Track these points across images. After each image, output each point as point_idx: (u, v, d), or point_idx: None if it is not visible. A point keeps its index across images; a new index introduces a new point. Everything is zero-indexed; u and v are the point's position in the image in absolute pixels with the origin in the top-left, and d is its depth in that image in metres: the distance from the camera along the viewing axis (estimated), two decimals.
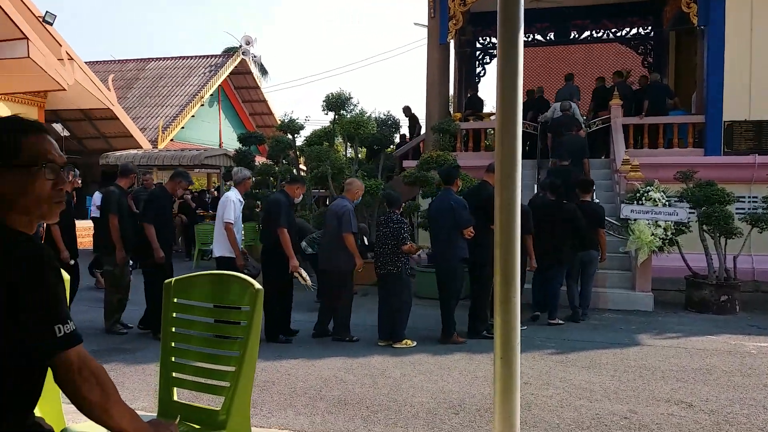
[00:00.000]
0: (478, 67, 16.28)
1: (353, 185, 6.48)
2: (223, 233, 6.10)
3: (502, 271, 2.34)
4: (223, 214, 6.10)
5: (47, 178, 1.47)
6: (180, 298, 2.20)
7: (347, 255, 6.13)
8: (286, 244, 5.98)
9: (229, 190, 6.43)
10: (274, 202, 6.23)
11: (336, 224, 6.13)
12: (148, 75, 23.86)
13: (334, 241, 6.17)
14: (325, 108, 11.50)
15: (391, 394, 4.48)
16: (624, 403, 4.35)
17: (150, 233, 6.10)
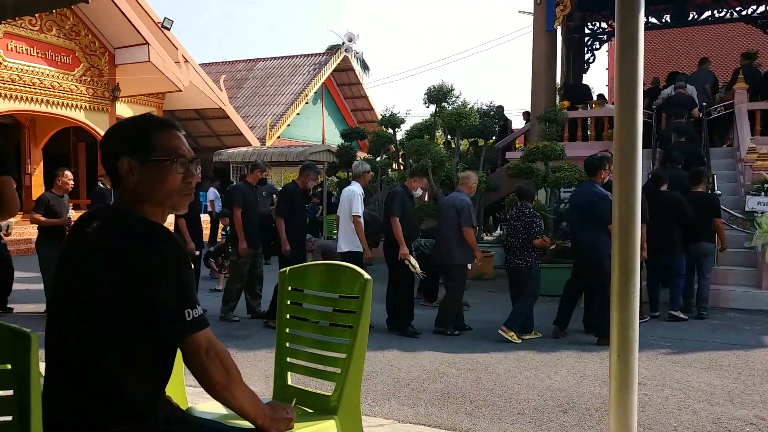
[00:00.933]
0: (587, 54, 15.61)
1: (470, 179, 6.43)
2: (350, 228, 6.14)
3: (620, 263, 2.23)
4: (351, 207, 6.12)
5: (178, 172, 1.57)
6: (294, 286, 2.28)
7: (465, 248, 6.10)
8: (397, 233, 6.01)
9: (351, 184, 6.46)
10: (391, 194, 6.30)
11: (455, 217, 6.07)
12: (256, 75, 24.99)
13: (451, 235, 6.11)
14: (426, 101, 11.48)
15: (495, 389, 4.41)
16: (749, 408, 4.02)
17: (280, 227, 6.28)
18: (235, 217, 6.47)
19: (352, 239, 6.16)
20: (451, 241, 6.12)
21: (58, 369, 1.47)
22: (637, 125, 2.24)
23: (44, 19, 13.68)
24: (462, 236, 6.06)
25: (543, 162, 9.72)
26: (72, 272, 1.50)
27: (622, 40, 2.29)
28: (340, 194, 7.03)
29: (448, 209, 6.23)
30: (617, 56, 2.35)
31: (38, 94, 13.66)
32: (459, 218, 6.05)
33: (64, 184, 6.66)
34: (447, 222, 6.20)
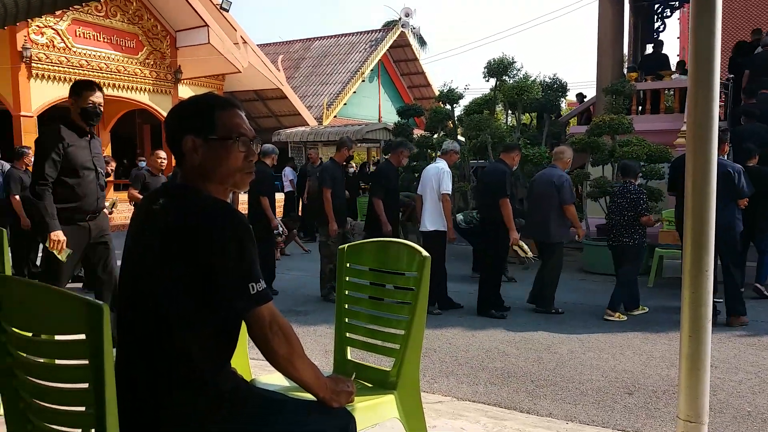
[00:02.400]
0: (656, 22, 14.85)
1: (565, 154, 6.28)
2: (436, 206, 5.94)
3: (693, 240, 2.12)
4: (439, 185, 5.90)
5: (240, 150, 1.59)
6: (352, 263, 2.29)
7: (563, 225, 6.03)
8: (508, 217, 5.81)
9: (437, 161, 6.23)
10: (496, 172, 6.00)
11: (553, 193, 5.94)
12: (313, 54, 25.12)
13: (549, 211, 5.98)
14: (486, 75, 11.23)
15: (557, 369, 4.33)
16: None
17: (378, 208, 6.23)
18: (325, 197, 6.36)
19: (437, 218, 5.95)
20: (549, 218, 5.98)
21: (129, 342, 1.53)
22: (713, 96, 2.12)
23: (109, 4, 14.17)
24: (560, 213, 5.97)
25: (610, 136, 9.36)
26: (140, 249, 1.55)
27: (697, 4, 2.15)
28: None
29: (544, 185, 6.06)
30: (692, 22, 2.21)
31: (105, 78, 14.20)
32: (558, 194, 5.93)
33: (156, 163, 6.97)
34: (543, 198, 6.04)
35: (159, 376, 1.47)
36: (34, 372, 1.41)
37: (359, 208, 12.43)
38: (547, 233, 6.00)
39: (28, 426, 1.45)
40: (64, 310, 1.35)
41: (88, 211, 3.79)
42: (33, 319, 1.43)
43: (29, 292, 1.42)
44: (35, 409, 1.41)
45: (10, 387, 1.45)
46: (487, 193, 6.03)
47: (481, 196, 6.16)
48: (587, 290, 7.08)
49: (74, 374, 1.33)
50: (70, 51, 13.55)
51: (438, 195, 5.93)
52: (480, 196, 6.21)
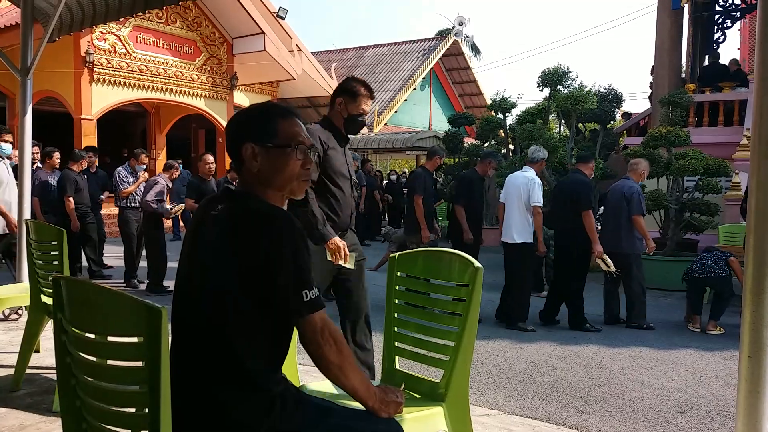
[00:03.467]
0: (716, 32, 14.31)
1: (640, 165, 6.37)
2: (524, 217, 5.78)
3: (755, 259, 2.04)
4: (529, 197, 5.75)
5: (298, 159, 1.63)
6: (403, 272, 2.30)
7: (634, 237, 6.03)
8: (591, 228, 5.78)
9: (524, 170, 5.99)
10: (576, 182, 5.97)
11: (624, 205, 6.00)
12: (366, 62, 25.34)
13: (620, 223, 6.03)
14: (540, 84, 11.08)
15: (607, 386, 4.22)
16: None
17: (460, 215, 6.28)
18: (417, 204, 6.32)
19: (525, 230, 5.78)
20: (620, 229, 6.03)
21: (184, 343, 1.57)
22: None
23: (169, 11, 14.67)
24: (631, 225, 5.98)
25: (666, 148, 9.09)
26: (197, 252, 1.60)
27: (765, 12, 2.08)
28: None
29: (616, 197, 6.12)
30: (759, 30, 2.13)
31: (163, 83, 14.70)
32: (629, 206, 5.97)
33: (206, 169, 7.11)
34: (614, 210, 6.11)
35: (211, 376, 1.51)
36: (92, 372, 1.44)
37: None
38: (618, 244, 5.99)
39: (84, 425, 1.48)
40: (124, 312, 1.38)
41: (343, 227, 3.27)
42: (93, 321, 1.45)
43: (90, 294, 1.45)
44: (91, 408, 1.44)
45: (68, 386, 1.49)
46: (566, 204, 5.89)
47: (560, 208, 6.03)
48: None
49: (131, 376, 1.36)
50: (130, 56, 14.10)
51: (527, 206, 5.76)
52: (558, 208, 6.07)
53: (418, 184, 6.41)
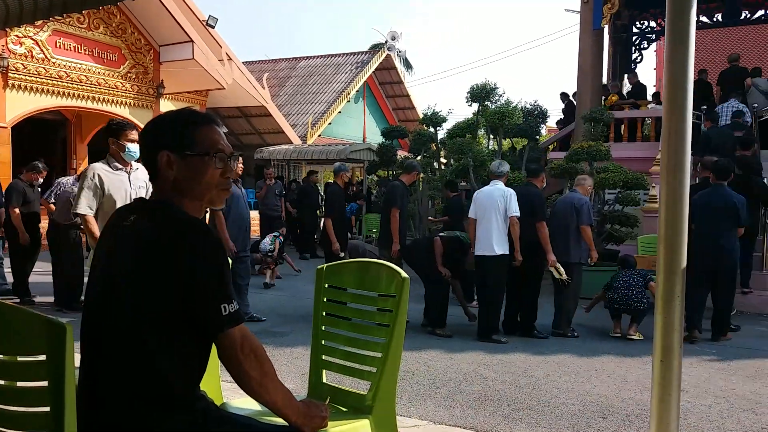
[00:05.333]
0: (634, 53, 15.21)
1: (586, 181, 6.68)
2: (504, 229, 5.87)
3: (666, 267, 2.15)
4: (506, 208, 5.85)
5: (217, 167, 1.58)
6: (331, 283, 2.27)
7: (582, 247, 6.30)
8: (545, 239, 6.00)
9: (494, 184, 6.09)
10: (530, 195, 6.10)
11: (573, 216, 6.24)
12: (299, 73, 25.20)
13: (569, 234, 6.25)
14: (468, 99, 11.38)
15: (533, 393, 4.33)
16: None
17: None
18: (393, 217, 6.35)
19: (505, 241, 5.88)
20: (568, 239, 6.25)
21: (95, 360, 1.49)
22: (686, 127, 2.16)
23: (92, 16, 14.07)
24: (579, 235, 6.26)
25: (588, 162, 9.51)
26: (110, 267, 1.51)
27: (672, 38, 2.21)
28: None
29: (566, 208, 6.37)
30: (667, 55, 2.26)
31: (85, 90, 14.06)
32: (578, 217, 6.23)
33: None
34: (564, 221, 6.32)
35: (131, 396, 1.43)
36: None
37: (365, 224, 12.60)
38: (567, 253, 6.21)
39: None
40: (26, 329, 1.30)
41: None
42: None
43: None
44: None
45: None
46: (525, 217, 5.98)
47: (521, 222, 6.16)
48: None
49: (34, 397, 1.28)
50: (49, 62, 13.41)
51: (504, 217, 5.87)
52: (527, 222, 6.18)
53: (396, 197, 6.45)
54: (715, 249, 5.99)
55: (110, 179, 3.92)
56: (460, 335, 6.06)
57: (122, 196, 3.91)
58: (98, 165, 3.98)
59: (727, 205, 6.02)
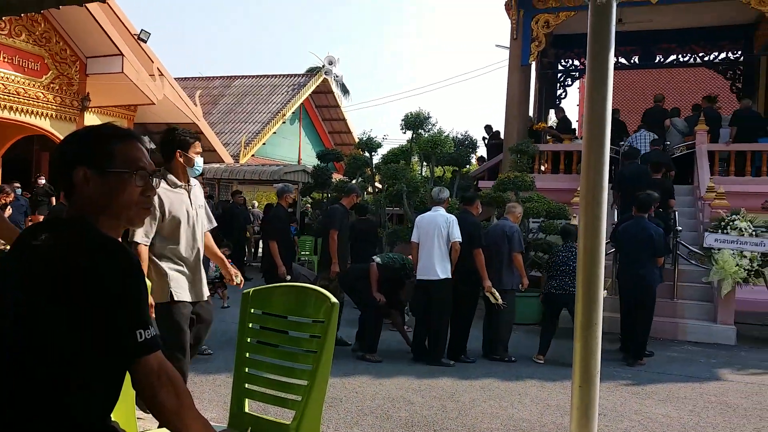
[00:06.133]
0: (559, 89, 15.97)
1: (516, 209, 6.95)
2: (444, 254, 5.95)
3: (584, 295, 2.25)
4: (449, 232, 5.95)
5: (137, 185, 1.51)
6: (257, 308, 2.22)
7: (514, 274, 6.51)
8: (481, 265, 6.14)
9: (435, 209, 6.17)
10: (466, 223, 6.16)
11: (505, 243, 6.44)
12: (233, 92, 24.86)
13: (501, 260, 6.44)
14: (403, 127, 11.58)
15: (459, 418, 4.37)
16: None
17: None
18: (331, 239, 6.40)
19: (448, 266, 5.98)
20: (501, 266, 6.42)
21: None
22: (604, 161, 2.29)
23: (14, 23, 13.41)
24: (511, 262, 6.45)
25: (514, 192, 9.85)
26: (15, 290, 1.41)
27: (592, 78, 2.35)
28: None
29: (498, 236, 6.56)
30: (587, 93, 2.40)
31: (2, 99, 13.33)
32: (510, 244, 6.43)
33: None
34: (496, 248, 6.48)
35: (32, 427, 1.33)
36: None
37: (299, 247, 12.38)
38: (500, 280, 6.36)
39: None
40: None
41: None
42: None
43: None
44: None
45: None
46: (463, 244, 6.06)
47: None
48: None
49: None
50: None
51: (447, 242, 5.96)
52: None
53: (335, 219, 6.51)
54: (635, 278, 6.35)
55: (170, 199, 3.36)
56: (390, 360, 6.06)
57: (184, 218, 3.41)
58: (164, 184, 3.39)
59: (645, 235, 6.41)
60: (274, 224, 6.89)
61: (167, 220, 3.34)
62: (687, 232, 9.10)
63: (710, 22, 13.25)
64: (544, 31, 11.76)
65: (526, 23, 11.86)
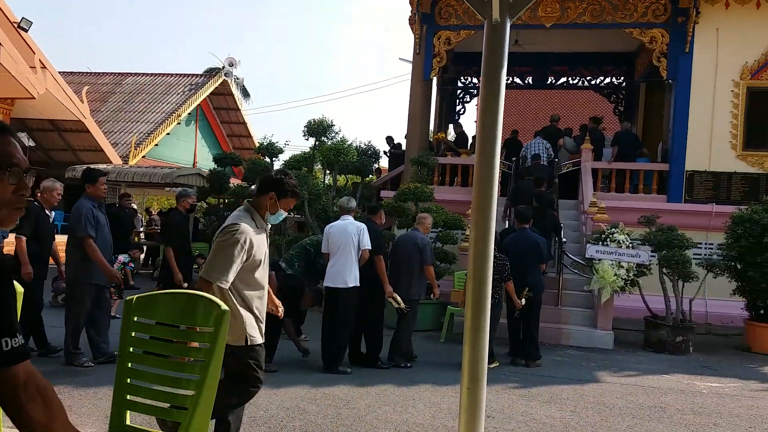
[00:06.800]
0: (458, 105, 16.55)
1: (427, 220, 7.03)
2: (355, 262, 5.98)
3: (473, 301, 2.33)
4: (359, 240, 6.00)
5: (10, 183, 1.40)
6: (141, 316, 2.11)
7: (422, 284, 6.70)
8: (382, 272, 6.25)
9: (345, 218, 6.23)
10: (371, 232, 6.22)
11: (416, 254, 6.58)
12: (125, 90, 23.59)
13: (412, 271, 6.58)
14: (306, 133, 11.51)
15: (354, 425, 4.38)
16: None
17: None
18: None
19: (357, 274, 6.03)
20: (411, 277, 6.57)
21: None
22: (494, 174, 2.40)
23: None
24: (421, 272, 6.61)
25: (414, 202, 10.08)
26: None
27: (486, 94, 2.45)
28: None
29: (409, 247, 6.69)
30: (480, 109, 2.51)
31: None
32: (421, 256, 6.57)
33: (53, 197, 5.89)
34: (406, 259, 6.62)
35: None
36: None
37: None
38: (409, 290, 6.51)
39: None
40: None
41: None
42: None
43: None
44: None
45: None
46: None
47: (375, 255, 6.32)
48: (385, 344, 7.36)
49: None
50: None
51: (357, 250, 6.00)
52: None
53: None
54: (524, 285, 6.74)
55: (257, 241, 3.23)
56: (286, 369, 5.96)
57: (263, 261, 3.29)
58: (247, 224, 3.19)
59: (530, 244, 6.88)
60: (170, 230, 6.61)
61: (249, 261, 3.20)
62: (572, 244, 9.76)
63: (597, 49, 14.36)
64: (446, 47, 12.17)
65: (428, 39, 12.22)
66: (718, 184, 11.03)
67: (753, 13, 10.92)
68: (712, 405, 5.47)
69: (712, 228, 10.37)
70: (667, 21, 11.15)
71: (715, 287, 9.11)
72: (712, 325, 9.79)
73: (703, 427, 4.82)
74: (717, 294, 9.56)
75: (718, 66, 10.99)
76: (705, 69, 11.02)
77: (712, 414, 5.18)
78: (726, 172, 11.01)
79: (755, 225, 8.18)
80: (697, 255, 9.52)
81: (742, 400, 5.69)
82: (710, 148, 11.05)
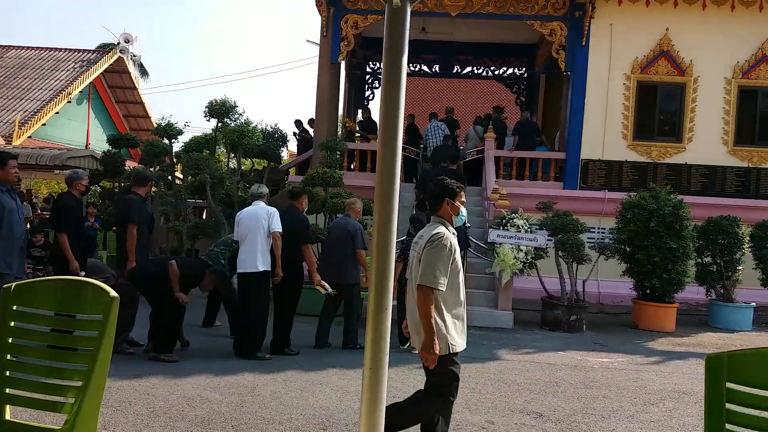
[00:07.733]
0: (366, 91, 16.58)
1: (356, 205, 7.09)
2: (265, 247, 5.96)
3: (376, 282, 2.36)
4: (269, 224, 5.97)
5: None
6: (20, 305, 1.96)
7: (356, 268, 6.73)
8: (311, 260, 6.38)
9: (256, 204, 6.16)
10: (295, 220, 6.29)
11: (348, 240, 6.62)
12: (6, 64, 21.62)
13: (344, 256, 6.64)
14: (207, 114, 11.06)
15: (259, 412, 4.33)
16: (482, 414, 4.57)
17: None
18: (130, 233, 5.90)
19: (268, 258, 5.98)
20: (345, 262, 6.63)
21: None
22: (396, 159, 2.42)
23: None
24: (355, 257, 6.66)
25: (323, 187, 10.02)
26: None
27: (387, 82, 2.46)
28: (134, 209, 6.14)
29: (340, 232, 6.74)
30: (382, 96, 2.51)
31: None
32: (353, 241, 6.62)
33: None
34: (338, 244, 6.68)
35: None
36: None
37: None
38: (343, 275, 6.60)
39: None
40: None
41: None
42: None
43: None
44: None
45: None
46: (286, 237, 6.07)
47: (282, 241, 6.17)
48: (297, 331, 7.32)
49: None
50: None
51: (268, 234, 5.97)
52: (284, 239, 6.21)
53: (133, 213, 5.95)
54: None
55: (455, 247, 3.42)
56: (188, 359, 5.79)
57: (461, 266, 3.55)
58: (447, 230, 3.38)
59: None
60: (64, 215, 6.07)
61: (452, 267, 3.37)
62: (475, 229, 10.11)
63: (501, 40, 14.86)
64: (353, 31, 12.13)
65: (336, 22, 12.12)
66: (610, 172, 11.81)
67: (643, 11, 11.71)
68: (602, 379, 5.87)
69: (605, 213, 11.07)
70: (566, 15, 11.73)
71: (606, 269, 9.72)
72: (603, 304, 10.51)
73: (593, 399, 5.17)
74: (608, 275, 10.24)
75: (612, 60, 11.71)
76: (600, 62, 11.70)
77: (602, 387, 5.57)
78: (618, 161, 11.80)
79: (643, 210, 8.82)
80: (590, 239, 10.16)
81: (628, 374, 6.16)
82: (604, 138, 11.78)
